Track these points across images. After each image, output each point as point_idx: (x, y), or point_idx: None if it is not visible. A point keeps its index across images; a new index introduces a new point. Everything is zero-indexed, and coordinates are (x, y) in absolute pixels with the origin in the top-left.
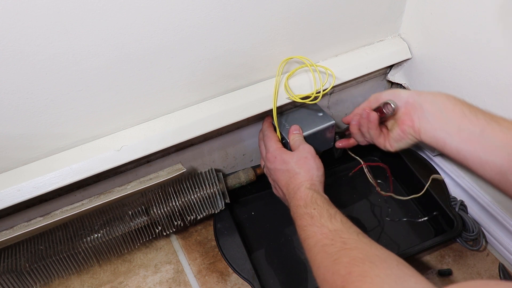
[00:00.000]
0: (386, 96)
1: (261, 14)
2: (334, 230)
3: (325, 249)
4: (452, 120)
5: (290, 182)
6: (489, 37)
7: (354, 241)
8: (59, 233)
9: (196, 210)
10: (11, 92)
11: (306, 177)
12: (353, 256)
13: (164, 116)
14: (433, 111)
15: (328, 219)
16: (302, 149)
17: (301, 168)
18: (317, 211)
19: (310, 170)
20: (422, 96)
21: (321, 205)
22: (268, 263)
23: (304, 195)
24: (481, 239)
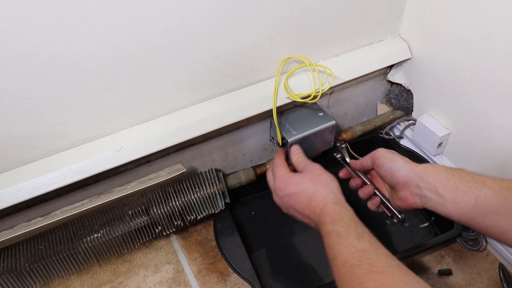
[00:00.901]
0: (386, 167)
1: (261, 14)
2: (362, 250)
3: (352, 270)
4: (448, 196)
5: (312, 201)
6: (490, 37)
7: (382, 264)
8: (59, 233)
9: (196, 210)
10: (11, 92)
11: (327, 192)
12: (380, 282)
13: (164, 116)
14: (430, 190)
15: (356, 238)
16: (311, 167)
17: (318, 185)
18: (344, 229)
19: (327, 184)
20: (418, 173)
21: (348, 223)
22: (268, 263)
23: (331, 212)
24: (481, 239)
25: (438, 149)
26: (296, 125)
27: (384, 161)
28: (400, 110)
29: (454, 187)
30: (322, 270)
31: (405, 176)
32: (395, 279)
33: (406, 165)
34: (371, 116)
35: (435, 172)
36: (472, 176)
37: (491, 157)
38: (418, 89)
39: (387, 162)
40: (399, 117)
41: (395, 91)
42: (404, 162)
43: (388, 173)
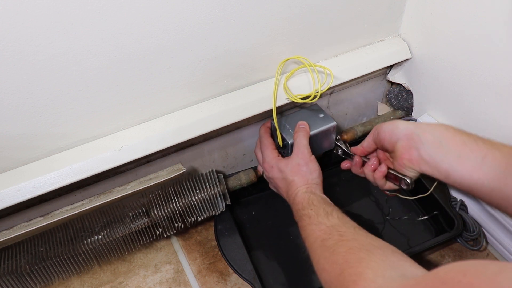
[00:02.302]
0: (387, 128)
1: (261, 14)
2: (331, 225)
3: (323, 243)
4: (453, 149)
5: (288, 189)
6: (490, 37)
7: (350, 233)
8: (59, 235)
9: (197, 212)
10: (11, 92)
11: (301, 182)
12: (349, 246)
13: (164, 116)
14: (433, 142)
15: (325, 216)
16: (295, 156)
17: (295, 175)
18: (314, 211)
19: (304, 175)
20: (420, 127)
21: (317, 205)
22: (269, 263)
23: (301, 199)
24: (482, 239)
25: None
26: None
27: (384, 125)
28: (400, 110)
29: (461, 141)
30: None
31: (406, 129)
32: (363, 243)
33: (407, 122)
34: (371, 116)
35: (441, 127)
36: (482, 138)
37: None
38: (418, 89)
39: (388, 125)
40: (399, 117)
41: (395, 91)
42: (406, 122)
43: (388, 133)
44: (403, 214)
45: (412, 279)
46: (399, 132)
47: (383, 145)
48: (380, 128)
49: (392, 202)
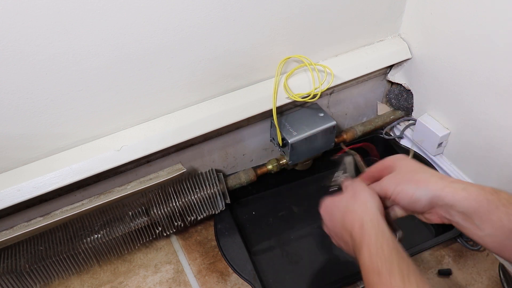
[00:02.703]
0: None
1: (261, 14)
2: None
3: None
4: (486, 229)
5: (345, 220)
6: (490, 37)
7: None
8: (59, 234)
9: (197, 211)
10: (11, 92)
11: (362, 210)
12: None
13: (164, 116)
14: (463, 218)
15: (400, 279)
16: (351, 185)
17: (355, 203)
18: (385, 267)
19: (365, 201)
20: (445, 200)
21: (389, 257)
22: (269, 263)
23: (367, 238)
24: None
25: (438, 149)
26: (297, 126)
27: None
28: (400, 110)
29: (496, 220)
30: (323, 271)
31: (429, 204)
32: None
33: (427, 191)
34: (371, 116)
35: (469, 199)
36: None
37: (491, 157)
38: (418, 89)
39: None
40: (399, 117)
41: (395, 91)
42: (425, 189)
43: (407, 205)
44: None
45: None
46: (421, 207)
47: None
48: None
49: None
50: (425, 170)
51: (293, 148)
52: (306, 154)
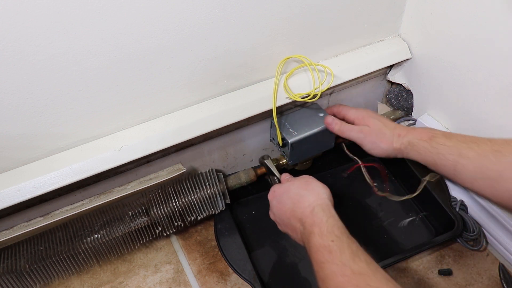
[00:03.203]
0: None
1: (261, 14)
2: (359, 273)
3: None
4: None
5: (297, 207)
6: (490, 37)
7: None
8: (59, 234)
9: (197, 211)
10: (11, 92)
11: (314, 197)
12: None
13: (164, 116)
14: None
15: (351, 257)
16: (300, 176)
17: (306, 190)
18: (337, 245)
19: (316, 189)
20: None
21: (339, 236)
22: (269, 263)
23: (318, 220)
24: (482, 239)
25: None
26: (297, 126)
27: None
28: (400, 110)
29: (432, 161)
30: None
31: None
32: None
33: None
34: None
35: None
36: (448, 148)
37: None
38: (418, 89)
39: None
40: (399, 117)
41: (395, 91)
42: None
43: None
44: (403, 215)
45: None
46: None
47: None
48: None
49: (392, 204)
50: (387, 131)
51: (293, 148)
52: (306, 154)
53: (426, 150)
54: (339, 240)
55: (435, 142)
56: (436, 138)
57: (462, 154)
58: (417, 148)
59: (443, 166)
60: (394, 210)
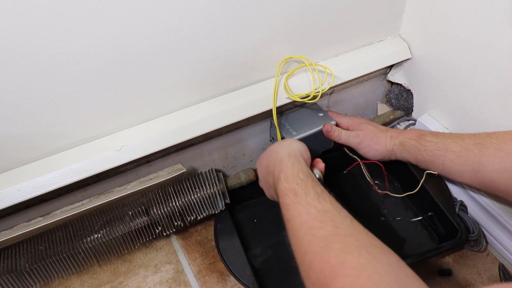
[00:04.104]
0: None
1: (261, 14)
2: (324, 211)
3: (313, 232)
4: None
5: (270, 162)
6: (490, 37)
7: (347, 226)
8: (59, 233)
9: (197, 211)
10: (11, 92)
11: (285, 149)
12: (346, 243)
13: (164, 116)
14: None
15: (315, 197)
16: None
17: (279, 146)
18: (301, 187)
19: (287, 143)
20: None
21: (304, 180)
22: (269, 269)
23: (284, 167)
24: (482, 240)
25: None
26: (296, 126)
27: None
28: (400, 110)
29: (422, 159)
30: None
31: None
32: (363, 242)
33: (383, 151)
34: (371, 116)
35: (404, 153)
36: (435, 144)
37: None
38: (418, 89)
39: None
40: (399, 117)
41: (395, 91)
42: (383, 149)
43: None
44: (402, 216)
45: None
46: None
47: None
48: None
49: (392, 205)
50: (381, 134)
51: None
52: None
53: (416, 148)
54: (304, 183)
55: (423, 140)
56: (424, 136)
57: (448, 149)
58: (408, 147)
59: (432, 162)
60: (396, 213)
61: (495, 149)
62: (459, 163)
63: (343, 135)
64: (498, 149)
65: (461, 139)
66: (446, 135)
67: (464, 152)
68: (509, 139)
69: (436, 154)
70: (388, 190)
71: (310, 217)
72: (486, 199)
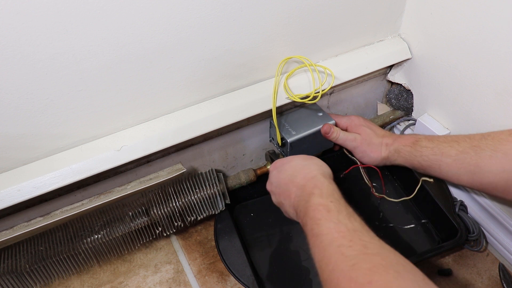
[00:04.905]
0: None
1: (261, 14)
2: (353, 230)
3: (341, 250)
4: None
5: (298, 173)
6: (490, 37)
7: (376, 246)
8: (59, 234)
9: (197, 211)
10: (11, 92)
11: (316, 166)
12: (374, 263)
13: (164, 116)
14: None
15: (347, 216)
16: (302, 155)
17: (308, 160)
18: (335, 205)
19: (318, 162)
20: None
21: (338, 199)
22: (269, 268)
23: (319, 184)
24: (482, 240)
25: None
26: (296, 125)
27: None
28: (400, 110)
29: (418, 165)
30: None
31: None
32: (391, 261)
33: (378, 156)
34: (371, 116)
35: (400, 159)
36: (431, 149)
37: None
38: (418, 89)
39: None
40: (399, 117)
41: (395, 91)
42: (378, 156)
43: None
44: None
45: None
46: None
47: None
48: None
49: (392, 207)
50: (377, 140)
51: (292, 148)
52: (306, 153)
53: (411, 154)
54: (338, 202)
55: (418, 145)
56: (419, 142)
57: (444, 153)
58: (403, 154)
59: (429, 167)
60: (395, 213)
61: (492, 151)
62: (456, 166)
63: (340, 137)
64: (494, 150)
65: (457, 142)
66: (441, 139)
67: (460, 156)
68: (504, 139)
69: (432, 159)
70: (386, 192)
71: (340, 235)
72: (486, 199)
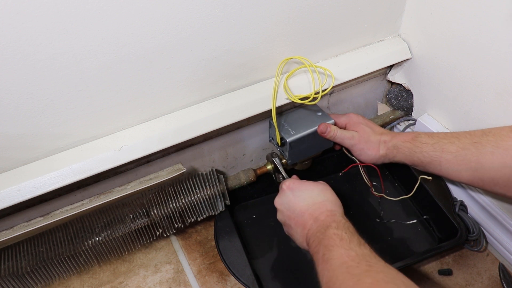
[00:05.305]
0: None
1: (261, 14)
2: (362, 255)
3: (348, 270)
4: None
5: (318, 207)
6: (489, 37)
7: (380, 265)
8: (59, 235)
9: (197, 212)
10: (11, 92)
11: (336, 205)
12: (377, 278)
13: (164, 116)
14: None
15: (358, 245)
16: (321, 182)
17: (329, 196)
18: (348, 236)
19: (337, 201)
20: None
21: (353, 233)
22: (269, 268)
23: (337, 220)
24: (482, 240)
25: None
26: (295, 125)
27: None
28: (400, 110)
29: (418, 161)
30: None
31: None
32: (392, 278)
33: (375, 154)
34: (371, 116)
35: (399, 155)
36: (431, 145)
37: None
38: (418, 89)
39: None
40: (399, 117)
41: (395, 91)
42: (373, 151)
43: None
44: (401, 216)
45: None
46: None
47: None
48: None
49: (392, 206)
50: (375, 138)
51: (291, 147)
52: (305, 153)
53: (411, 150)
54: (352, 234)
55: (418, 141)
56: (419, 138)
57: (444, 149)
58: (402, 150)
59: (429, 163)
60: (395, 213)
61: (493, 147)
62: (456, 163)
63: (338, 135)
64: (495, 146)
65: (457, 138)
66: (441, 135)
67: (461, 152)
68: (505, 135)
69: (433, 156)
70: (385, 191)
71: (349, 258)
72: (486, 199)
